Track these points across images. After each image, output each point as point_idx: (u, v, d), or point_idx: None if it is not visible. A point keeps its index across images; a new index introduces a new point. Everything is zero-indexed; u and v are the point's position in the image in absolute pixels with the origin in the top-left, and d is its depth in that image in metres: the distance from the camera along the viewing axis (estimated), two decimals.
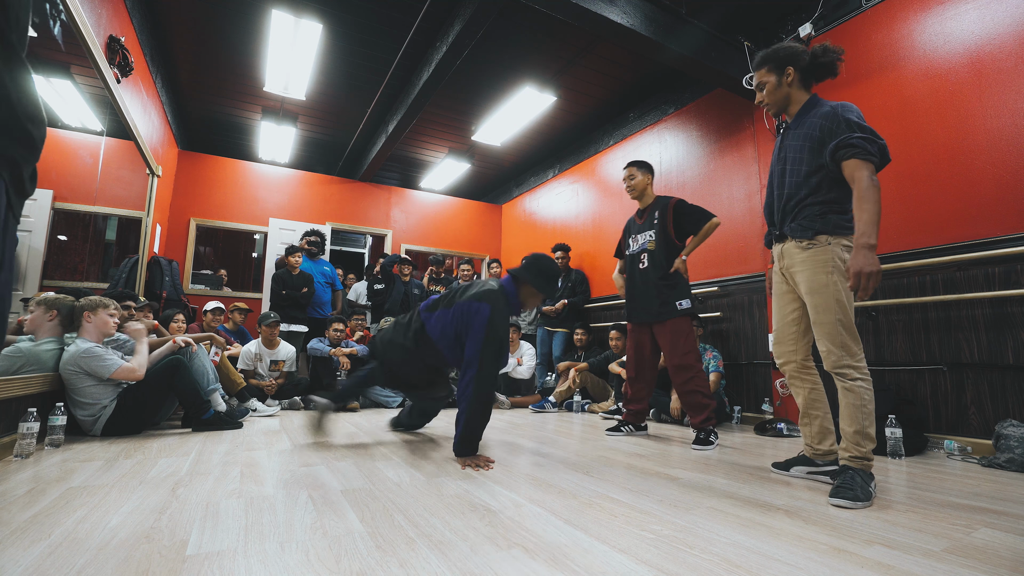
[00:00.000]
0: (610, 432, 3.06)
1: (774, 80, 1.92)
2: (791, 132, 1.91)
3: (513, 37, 4.07)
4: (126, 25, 3.58)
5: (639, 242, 3.07)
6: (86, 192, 3.65)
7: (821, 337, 1.79)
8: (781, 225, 1.91)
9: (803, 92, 1.91)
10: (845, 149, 1.68)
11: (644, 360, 3.03)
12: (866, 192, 1.63)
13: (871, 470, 1.71)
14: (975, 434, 2.56)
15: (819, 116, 1.80)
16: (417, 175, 7.21)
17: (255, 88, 4.96)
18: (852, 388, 1.73)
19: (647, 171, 3.10)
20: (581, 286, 5.24)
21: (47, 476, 1.81)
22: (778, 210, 1.92)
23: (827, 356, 1.78)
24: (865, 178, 1.64)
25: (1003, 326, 2.51)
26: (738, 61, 3.64)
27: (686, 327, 2.85)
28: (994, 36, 2.66)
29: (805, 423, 1.98)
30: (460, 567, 1.07)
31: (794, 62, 1.88)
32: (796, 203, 1.84)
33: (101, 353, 2.59)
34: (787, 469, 2.04)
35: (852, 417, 1.73)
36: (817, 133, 1.78)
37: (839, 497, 1.60)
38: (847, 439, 1.75)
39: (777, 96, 1.93)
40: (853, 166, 1.67)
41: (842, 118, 1.72)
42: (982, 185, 2.64)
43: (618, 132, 5.36)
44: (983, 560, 1.15)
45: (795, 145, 1.87)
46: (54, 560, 1.07)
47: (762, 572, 1.07)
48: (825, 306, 1.76)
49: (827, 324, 1.76)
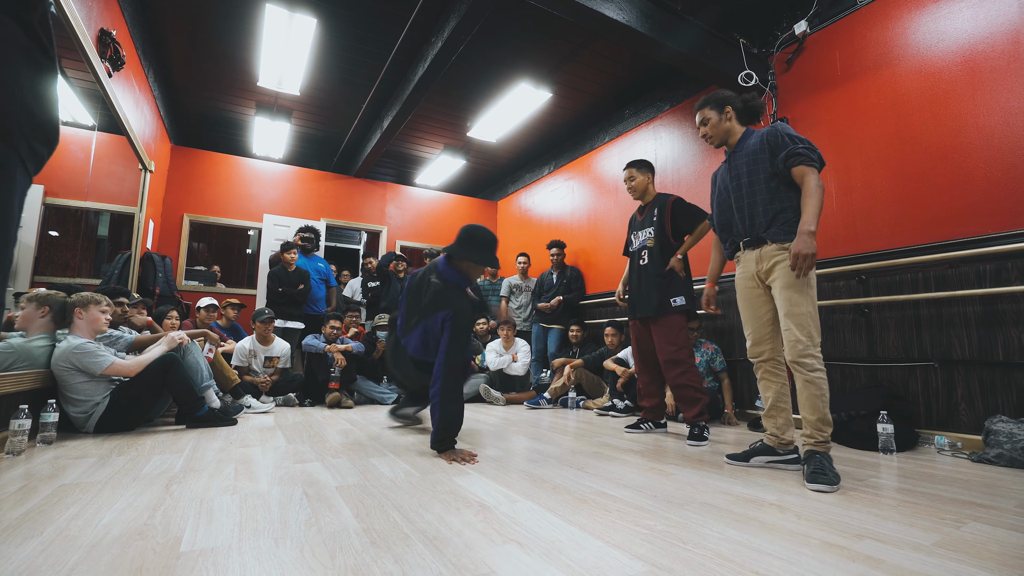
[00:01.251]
0: (629, 429, 3.05)
1: (716, 117, 2.27)
2: (737, 155, 2.21)
3: (509, 33, 4.06)
4: (117, 18, 3.54)
5: (640, 239, 3.09)
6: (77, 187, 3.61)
7: (791, 327, 1.95)
8: (753, 231, 2.11)
9: (740, 128, 2.26)
10: (794, 157, 1.99)
11: (647, 355, 3.06)
12: (812, 191, 1.93)
13: (831, 452, 1.91)
14: (965, 430, 2.59)
15: (759, 136, 2.14)
16: (412, 171, 7.18)
17: (249, 83, 4.93)
18: (812, 380, 1.91)
19: (647, 170, 3.11)
20: (576, 283, 5.25)
21: (39, 473, 1.80)
22: (742, 220, 2.15)
23: (794, 345, 1.93)
24: (812, 180, 1.95)
25: (993, 323, 2.53)
26: (733, 58, 3.64)
27: (679, 323, 2.87)
28: (987, 35, 2.67)
29: (772, 416, 2.14)
30: (455, 562, 1.07)
31: (731, 103, 2.26)
32: (767, 211, 2.07)
33: (93, 349, 2.58)
34: (746, 460, 2.16)
35: (814, 406, 1.92)
36: (761, 146, 2.10)
37: (818, 483, 1.74)
38: (811, 426, 1.93)
39: (719, 130, 2.27)
40: (801, 171, 1.98)
41: (782, 133, 2.05)
42: (975, 183, 2.66)
43: (614, 129, 5.36)
44: (972, 554, 1.16)
45: (746, 163, 2.15)
46: (47, 557, 1.07)
47: (754, 566, 1.07)
48: (800, 298, 1.94)
49: (799, 315, 1.93)
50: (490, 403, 4.55)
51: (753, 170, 2.12)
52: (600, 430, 3.12)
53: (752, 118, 2.28)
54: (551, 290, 5.22)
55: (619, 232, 5.10)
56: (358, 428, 3.02)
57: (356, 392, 4.43)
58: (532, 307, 5.42)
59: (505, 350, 4.92)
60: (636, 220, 3.18)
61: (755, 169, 2.11)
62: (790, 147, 2.00)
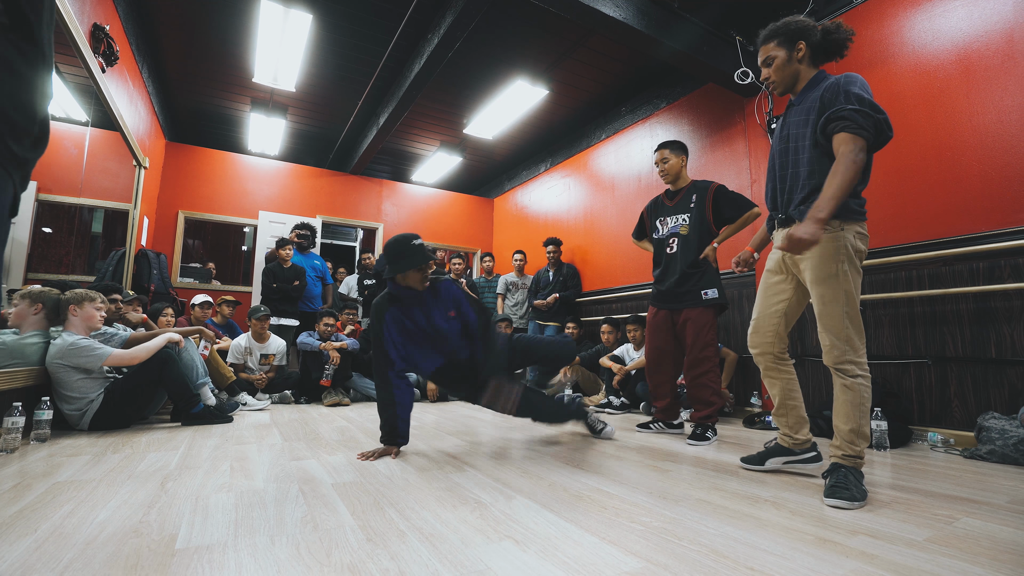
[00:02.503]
0: (640, 428, 2.99)
1: (784, 55, 1.79)
2: (794, 108, 1.79)
3: (505, 30, 4.05)
4: (111, 13, 3.51)
5: (669, 226, 2.90)
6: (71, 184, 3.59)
7: (824, 330, 1.67)
8: (787, 207, 1.75)
9: (812, 69, 1.79)
10: (836, 122, 1.57)
11: (662, 352, 2.88)
12: (841, 166, 1.53)
13: (862, 468, 1.65)
14: (958, 426, 2.61)
15: (822, 89, 1.68)
16: (408, 168, 7.16)
17: (244, 79, 4.89)
18: (852, 386, 1.64)
19: (681, 152, 2.90)
20: (572, 280, 5.25)
21: (33, 471, 1.79)
22: (781, 192, 1.78)
23: (830, 350, 1.67)
24: (847, 152, 1.53)
25: (986, 320, 2.55)
26: (730, 56, 3.64)
27: (709, 319, 2.73)
28: (982, 34, 2.68)
29: (781, 414, 1.92)
30: (451, 559, 1.08)
31: (806, 36, 1.77)
32: (803, 183, 1.70)
33: (89, 344, 2.57)
34: (761, 463, 1.96)
35: (849, 415, 1.65)
36: (818, 105, 1.66)
37: (836, 498, 1.52)
38: (841, 436, 1.66)
39: (786, 73, 1.79)
40: (840, 140, 1.56)
41: (843, 89, 1.61)
42: (968, 181, 2.68)
43: (610, 126, 5.36)
44: (964, 549, 1.17)
45: (798, 121, 1.74)
46: (41, 555, 1.07)
47: (749, 562, 1.08)
48: (832, 297, 1.64)
49: (832, 316, 1.65)
50: None
51: (801, 133, 1.72)
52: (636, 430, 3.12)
53: (830, 55, 1.79)
54: (547, 287, 5.22)
55: (616, 229, 5.10)
56: (354, 425, 3.01)
57: (352, 389, 4.42)
58: (528, 304, 5.42)
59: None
60: (663, 205, 2.97)
61: (803, 133, 1.71)
62: (836, 107, 1.58)
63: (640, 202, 4.82)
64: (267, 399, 3.91)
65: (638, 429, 3.01)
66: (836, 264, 1.63)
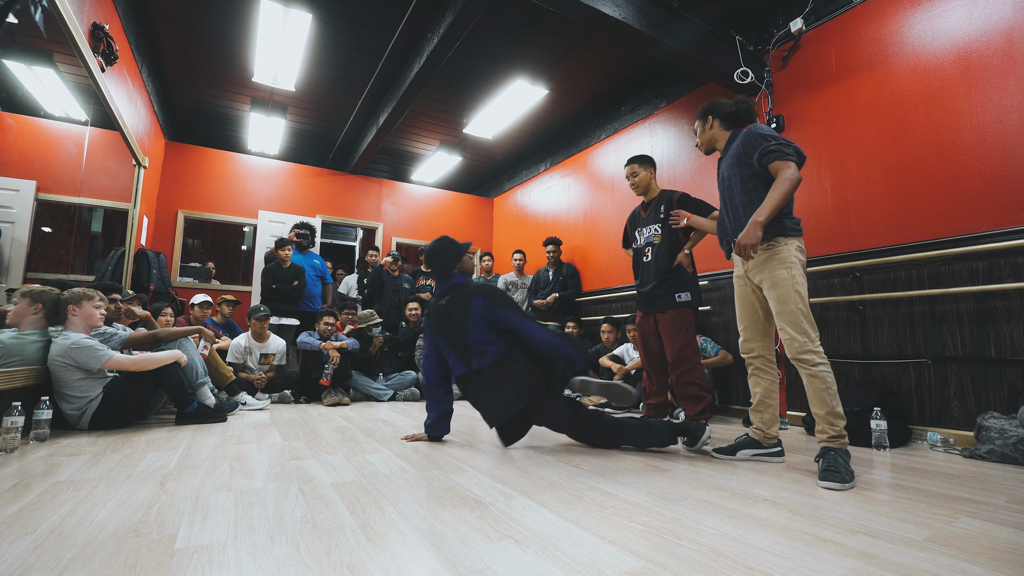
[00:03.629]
0: None
1: (700, 126, 2.36)
2: (722, 161, 2.28)
3: (505, 29, 4.05)
4: (110, 13, 3.51)
5: (645, 236, 3.05)
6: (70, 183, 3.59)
7: (784, 325, 1.97)
8: (737, 232, 2.14)
9: (725, 132, 2.29)
10: (767, 155, 2.00)
11: (652, 353, 3.02)
12: (781, 181, 1.93)
13: (847, 447, 1.88)
14: (958, 426, 2.61)
15: (738, 139, 2.18)
16: (408, 168, 7.16)
17: (244, 79, 4.89)
18: (816, 374, 1.91)
19: (648, 165, 3.05)
20: (572, 280, 5.25)
21: (32, 470, 1.79)
22: (732, 221, 2.19)
23: (790, 343, 1.96)
24: (784, 171, 1.94)
25: (986, 320, 2.55)
26: (730, 56, 3.64)
27: (686, 319, 2.85)
28: (981, 33, 2.68)
29: (759, 411, 2.20)
30: (450, 559, 1.08)
31: (713, 111, 2.31)
32: (748, 212, 2.08)
33: (91, 344, 2.56)
34: (733, 453, 2.22)
35: (821, 400, 1.91)
36: (740, 149, 2.13)
37: (829, 480, 1.72)
38: (822, 421, 1.91)
39: (704, 138, 2.35)
40: (777, 166, 1.98)
41: (756, 133, 2.08)
42: (968, 181, 2.68)
43: (610, 126, 5.36)
44: (963, 548, 1.17)
45: (729, 165, 2.20)
46: (40, 554, 1.07)
47: (748, 561, 1.08)
48: (786, 296, 1.96)
49: (789, 313, 1.96)
50: None
51: (733, 173, 2.17)
52: None
53: (742, 121, 2.29)
54: (547, 287, 5.22)
55: (616, 229, 5.10)
56: (354, 425, 3.01)
57: (352, 388, 4.42)
58: (528, 304, 5.42)
59: None
60: (640, 216, 3.14)
61: (735, 172, 2.16)
62: (762, 145, 2.02)
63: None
64: (267, 399, 3.91)
65: None
66: (786, 270, 1.98)
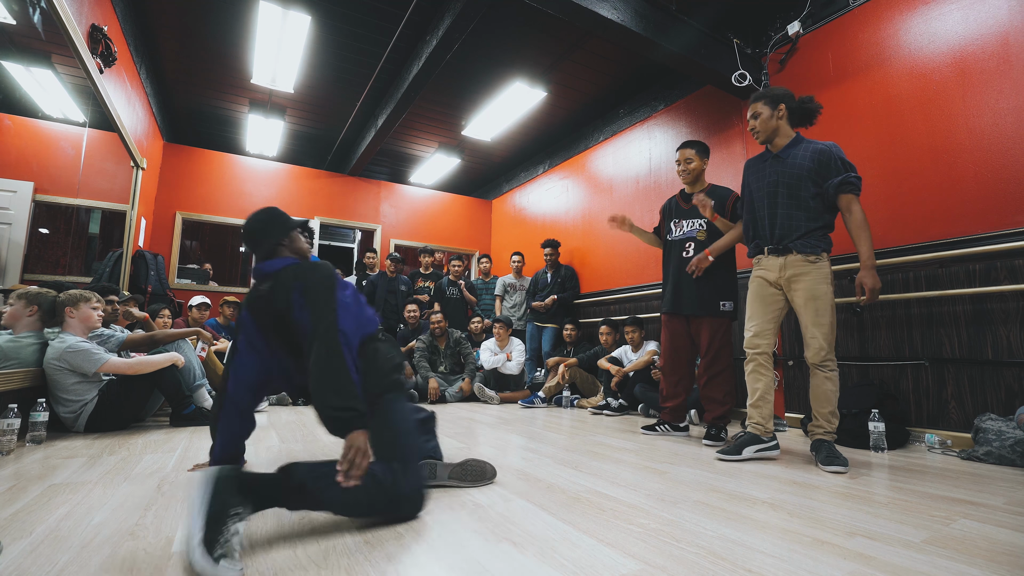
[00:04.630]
0: (645, 430, 2.96)
1: (767, 112, 2.28)
2: (782, 161, 2.26)
3: (503, 32, 4.05)
4: (109, 14, 3.50)
5: (684, 229, 2.87)
6: (68, 184, 3.58)
7: (816, 334, 2.14)
8: (781, 240, 2.23)
9: (790, 129, 2.29)
10: (846, 185, 2.11)
11: (680, 354, 2.86)
12: (864, 223, 2.09)
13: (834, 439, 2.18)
14: (955, 428, 2.62)
15: (812, 151, 2.19)
16: (407, 170, 7.16)
17: (242, 80, 4.89)
18: (831, 378, 2.15)
19: (705, 155, 2.86)
20: (570, 282, 5.25)
21: (28, 473, 1.78)
22: (772, 226, 2.26)
23: (818, 351, 2.14)
24: (859, 211, 2.10)
25: (983, 322, 2.56)
26: (727, 58, 3.65)
27: (725, 326, 2.74)
28: (977, 37, 2.70)
29: (759, 406, 2.28)
30: (448, 562, 1.07)
31: (787, 101, 2.27)
32: (801, 224, 2.19)
33: (88, 348, 2.55)
34: (739, 453, 2.23)
35: (829, 400, 2.15)
36: (813, 165, 2.17)
37: (834, 465, 1.99)
38: (823, 417, 2.16)
39: (768, 126, 2.29)
40: (849, 200, 2.12)
41: (836, 157, 2.15)
42: (964, 183, 2.69)
43: (608, 128, 5.37)
44: (961, 550, 1.18)
45: (791, 174, 2.22)
46: (36, 558, 1.06)
47: (747, 564, 1.08)
48: (825, 309, 2.14)
49: (825, 325, 2.13)
50: (484, 402, 4.55)
51: (796, 184, 2.20)
52: (594, 429, 3.12)
53: (804, 120, 2.30)
54: (545, 289, 5.22)
55: (614, 231, 5.10)
56: None
57: None
58: (527, 306, 5.42)
59: (500, 349, 4.92)
60: (679, 207, 2.93)
61: (799, 184, 2.19)
62: (844, 175, 2.12)
63: (639, 204, 4.83)
64: (265, 401, 3.89)
65: (643, 431, 2.97)
66: (827, 285, 2.16)
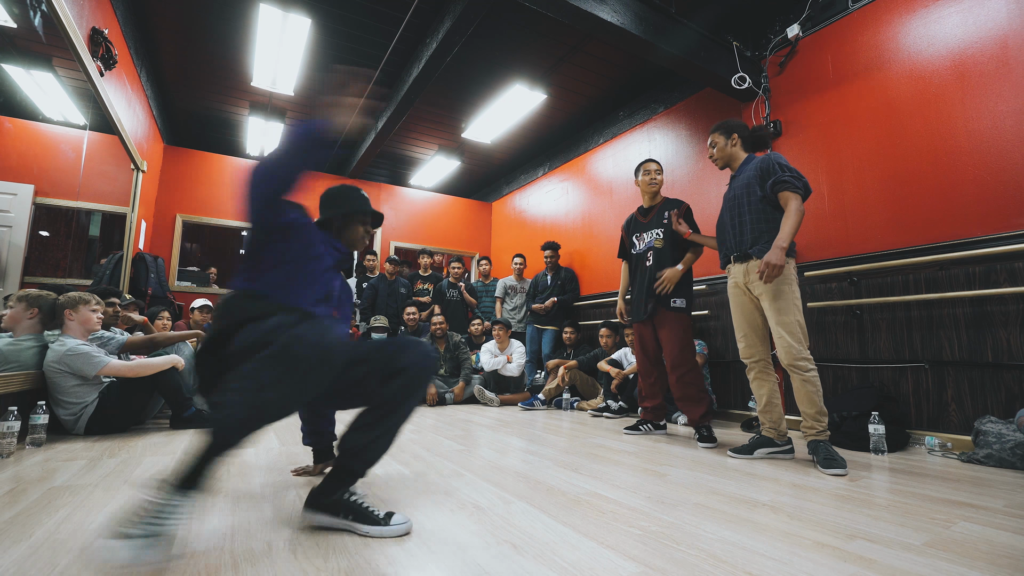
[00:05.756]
0: (628, 431, 3.03)
1: (722, 141, 2.53)
2: (736, 179, 2.49)
3: (503, 34, 4.06)
4: (109, 17, 3.51)
5: (645, 241, 3.07)
6: (69, 187, 3.58)
7: (782, 334, 2.21)
8: (741, 247, 2.39)
9: (743, 152, 2.52)
10: (779, 184, 2.26)
11: (648, 356, 3.03)
12: (792, 212, 2.20)
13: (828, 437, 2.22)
14: (955, 430, 2.61)
15: (755, 163, 2.39)
16: (407, 172, 7.17)
17: (242, 83, 4.90)
18: (808, 379, 2.19)
19: (660, 173, 3.13)
20: (570, 284, 5.25)
21: (28, 476, 1.78)
22: (734, 236, 2.43)
23: (788, 350, 2.20)
24: (793, 204, 2.21)
25: (983, 325, 2.56)
26: (727, 61, 3.66)
27: (683, 323, 2.87)
28: (976, 40, 2.70)
29: (767, 411, 2.38)
30: (448, 564, 1.07)
31: (739, 131, 2.51)
32: (755, 230, 2.34)
33: (87, 351, 2.55)
34: (751, 452, 2.34)
35: (812, 401, 2.19)
36: (756, 174, 2.36)
37: (833, 468, 2.02)
38: (811, 419, 2.20)
39: (723, 153, 2.53)
40: (786, 196, 2.25)
41: (774, 162, 2.31)
42: (964, 186, 2.69)
43: (608, 130, 5.38)
44: (961, 553, 1.18)
45: (742, 186, 2.42)
46: (35, 561, 1.06)
47: (747, 566, 1.08)
48: (787, 308, 2.22)
49: (788, 323, 2.21)
50: (484, 404, 4.54)
51: (746, 193, 2.38)
52: (594, 431, 3.12)
53: (758, 146, 2.52)
54: (545, 291, 5.22)
55: (613, 233, 5.11)
56: None
57: None
58: (527, 308, 5.42)
59: (500, 351, 4.92)
60: (638, 222, 3.15)
61: (748, 192, 2.37)
62: (777, 175, 2.27)
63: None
64: None
65: (626, 432, 3.04)
66: (787, 285, 2.24)
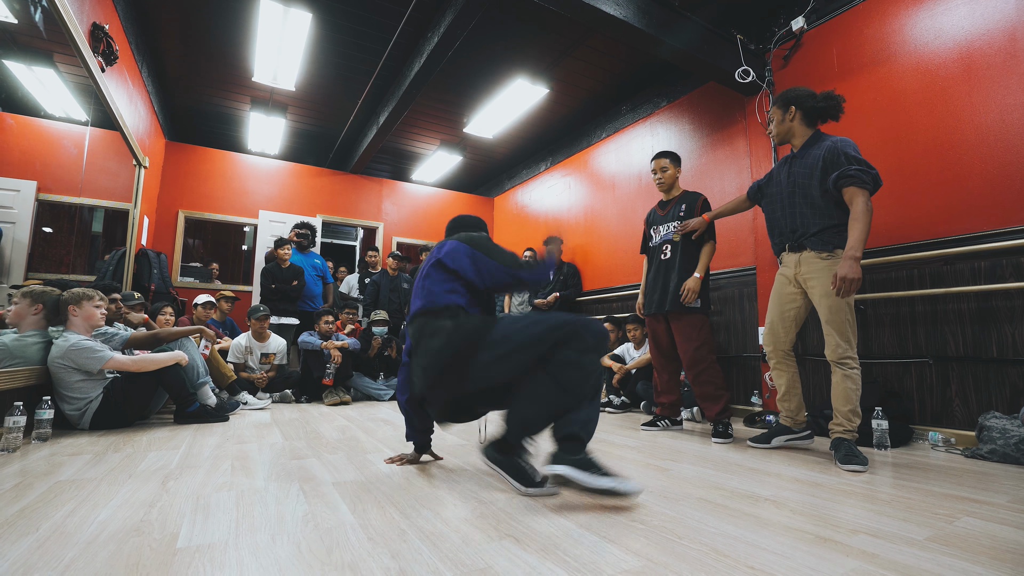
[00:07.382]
0: (645, 427, 3.01)
1: (779, 115, 2.34)
2: (798, 161, 2.30)
3: (505, 28, 4.04)
4: (110, 13, 3.51)
5: (661, 233, 3.03)
6: (71, 183, 3.59)
7: (832, 332, 2.14)
8: (798, 237, 2.26)
9: (806, 128, 2.31)
10: (844, 179, 2.08)
11: (662, 350, 3.01)
12: (860, 214, 2.03)
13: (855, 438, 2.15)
14: (959, 426, 2.61)
15: (823, 150, 2.19)
16: (409, 167, 7.16)
17: (244, 78, 4.89)
18: (850, 376, 2.13)
19: (678, 164, 3.06)
20: (573, 279, 5.25)
21: (34, 470, 1.79)
22: (794, 225, 2.29)
23: (835, 348, 2.14)
24: (861, 203, 2.04)
25: (987, 320, 2.55)
26: (731, 55, 3.63)
27: (698, 322, 2.82)
28: (983, 32, 2.68)
29: (787, 400, 2.38)
30: (451, 558, 1.08)
31: (798, 103, 2.29)
32: (813, 222, 2.21)
33: (91, 346, 2.56)
34: (768, 442, 2.37)
35: (848, 398, 2.13)
36: (822, 164, 2.18)
37: (853, 464, 1.97)
38: (842, 416, 2.13)
39: (781, 129, 2.35)
40: (852, 192, 2.07)
41: (842, 152, 2.12)
42: (970, 180, 2.67)
43: (611, 125, 5.35)
44: (964, 548, 1.17)
45: (804, 173, 2.25)
46: (42, 554, 1.07)
47: (749, 561, 1.08)
48: (839, 307, 2.13)
49: (839, 322, 2.13)
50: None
51: (809, 183, 2.23)
52: (640, 429, 3.12)
53: (821, 118, 2.31)
54: (548, 286, 5.22)
55: (616, 228, 5.10)
56: (355, 424, 3.01)
57: (353, 388, 4.42)
58: (529, 303, 5.42)
59: None
60: (657, 215, 3.11)
61: (811, 182, 2.22)
62: (843, 168, 2.09)
63: (641, 201, 4.82)
64: (268, 398, 3.91)
65: (643, 428, 3.01)
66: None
